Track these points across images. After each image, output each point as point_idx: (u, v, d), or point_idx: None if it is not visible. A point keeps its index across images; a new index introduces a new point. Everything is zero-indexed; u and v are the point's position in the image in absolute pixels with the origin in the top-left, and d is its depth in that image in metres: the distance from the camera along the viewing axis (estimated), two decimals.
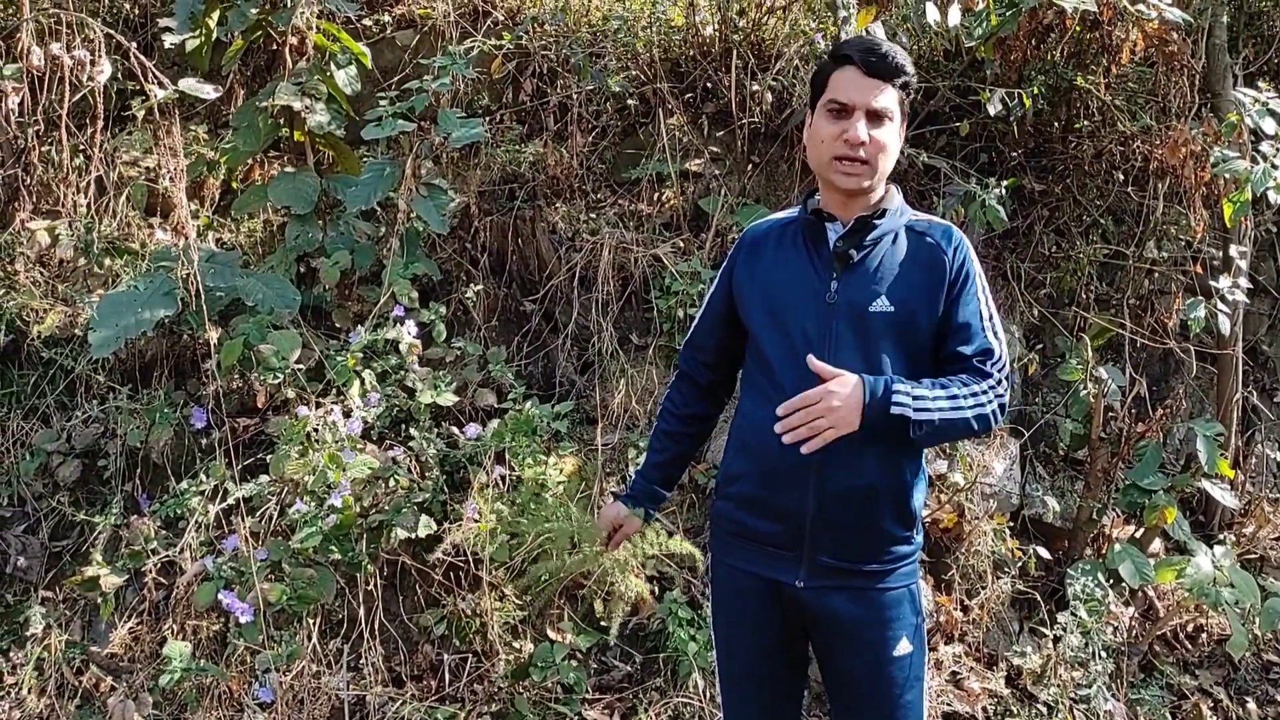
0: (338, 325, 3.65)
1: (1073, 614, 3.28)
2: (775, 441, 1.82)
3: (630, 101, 4.24)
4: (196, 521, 3.10)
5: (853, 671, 1.99)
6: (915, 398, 1.81)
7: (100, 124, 3.39)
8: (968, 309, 1.91)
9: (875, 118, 1.86)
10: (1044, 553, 3.58)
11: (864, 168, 1.87)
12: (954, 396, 1.84)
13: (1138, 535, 3.61)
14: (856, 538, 1.93)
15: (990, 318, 1.93)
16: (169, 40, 3.61)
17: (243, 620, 2.86)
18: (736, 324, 2.10)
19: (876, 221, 1.92)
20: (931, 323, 1.91)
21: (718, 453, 3.51)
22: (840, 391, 1.77)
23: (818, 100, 1.93)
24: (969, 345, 1.89)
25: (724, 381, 2.26)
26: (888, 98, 1.87)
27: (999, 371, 1.89)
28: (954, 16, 3.41)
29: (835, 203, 1.96)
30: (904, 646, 1.96)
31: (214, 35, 3.61)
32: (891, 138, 1.89)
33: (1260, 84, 3.68)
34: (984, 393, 1.86)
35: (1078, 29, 3.78)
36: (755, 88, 4.12)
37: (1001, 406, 1.89)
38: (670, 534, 3.09)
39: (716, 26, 4.26)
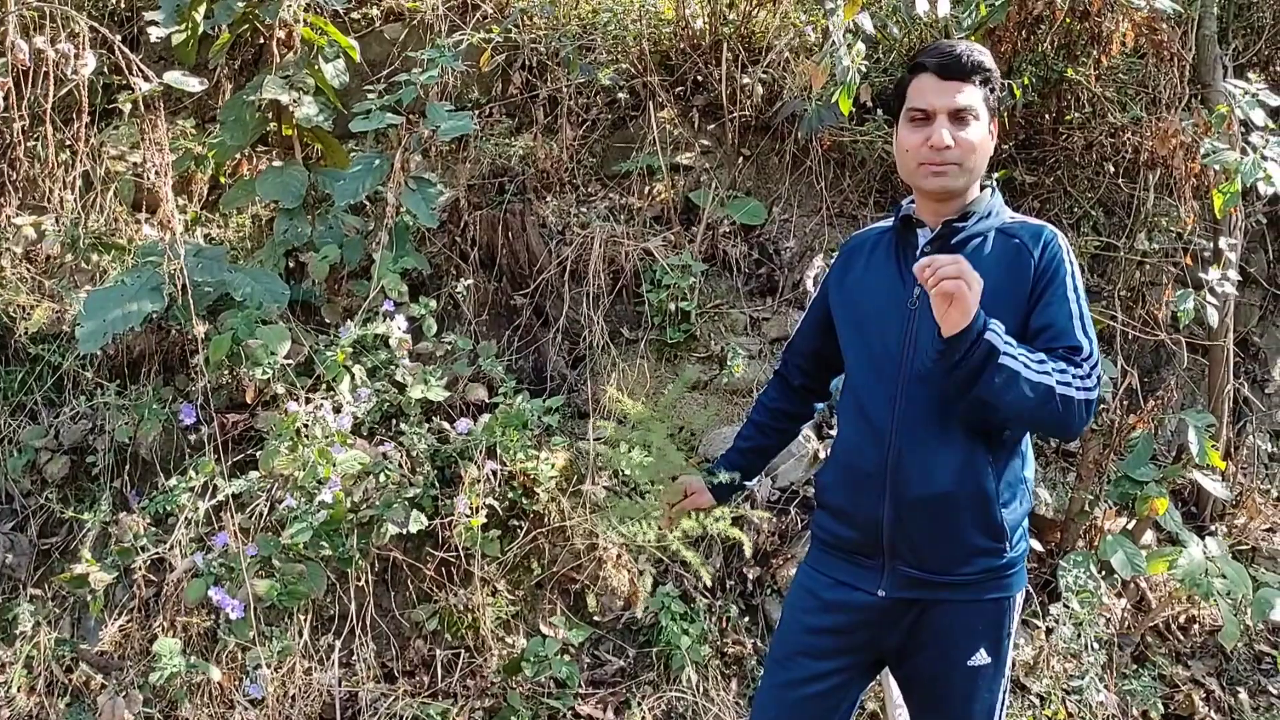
0: (327, 320, 3.63)
1: (1065, 605, 3.28)
2: (858, 451, 1.93)
3: (620, 95, 4.23)
4: (186, 518, 3.08)
5: (922, 672, 1.98)
6: (1007, 342, 1.69)
7: (86, 118, 3.38)
8: (1053, 309, 1.80)
9: (958, 119, 1.84)
10: (1036, 545, 3.58)
11: (952, 167, 1.85)
12: (1042, 362, 1.71)
13: (1130, 527, 3.61)
14: (935, 548, 1.89)
15: (1081, 318, 1.80)
16: (155, 34, 3.59)
17: (233, 616, 2.85)
18: (832, 331, 2.10)
19: (959, 225, 1.89)
20: (1016, 328, 1.80)
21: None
22: (971, 277, 1.66)
23: (900, 112, 1.92)
24: (1058, 341, 1.78)
25: (816, 386, 2.28)
26: (968, 96, 1.84)
27: (1090, 367, 1.75)
28: (943, 7, 3.39)
29: (926, 209, 1.95)
30: (980, 657, 1.92)
31: (200, 29, 3.59)
32: (979, 135, 1.86)
33: (1250, 75, 3.67)
34: (1075, 378, 1.72)
35: (1067, 19, 3.78)
36: (745, 80, 4.12)
37: (1089, 403, 1.74)
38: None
39: (706, 19, 4.25)
